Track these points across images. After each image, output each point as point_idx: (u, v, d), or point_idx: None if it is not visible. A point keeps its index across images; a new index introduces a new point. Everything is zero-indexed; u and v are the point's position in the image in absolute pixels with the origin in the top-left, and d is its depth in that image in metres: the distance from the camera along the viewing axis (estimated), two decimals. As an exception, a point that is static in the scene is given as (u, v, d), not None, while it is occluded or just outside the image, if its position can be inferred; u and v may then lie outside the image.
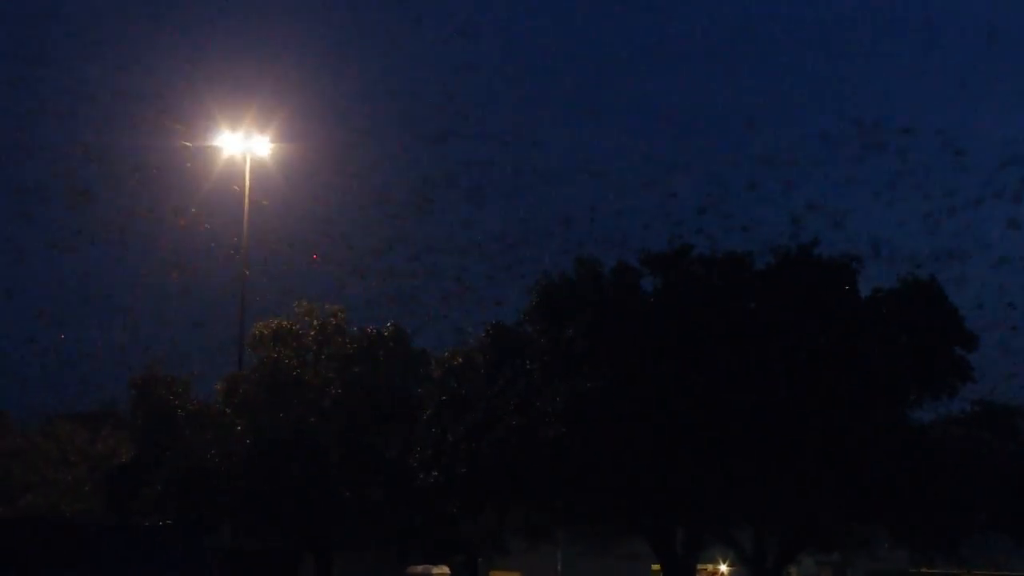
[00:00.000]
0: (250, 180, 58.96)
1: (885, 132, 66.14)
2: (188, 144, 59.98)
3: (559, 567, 72.12)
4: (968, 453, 39.38)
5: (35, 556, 48.35)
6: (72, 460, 60.76)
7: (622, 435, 38.42)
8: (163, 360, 56.98)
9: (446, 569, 56.81)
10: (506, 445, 39.75)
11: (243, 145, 59.45)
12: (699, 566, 50.62)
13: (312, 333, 52.57)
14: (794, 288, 40.02)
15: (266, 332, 52.40)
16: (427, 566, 55.97)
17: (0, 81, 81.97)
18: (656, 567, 50.23)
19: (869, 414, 38.45)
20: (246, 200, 59.26)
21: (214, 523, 52.75)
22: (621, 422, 38.37)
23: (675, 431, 38.47)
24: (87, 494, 59.70)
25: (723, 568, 69.25)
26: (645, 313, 40.41)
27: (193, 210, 61.59)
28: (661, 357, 38.99)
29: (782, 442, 38.08)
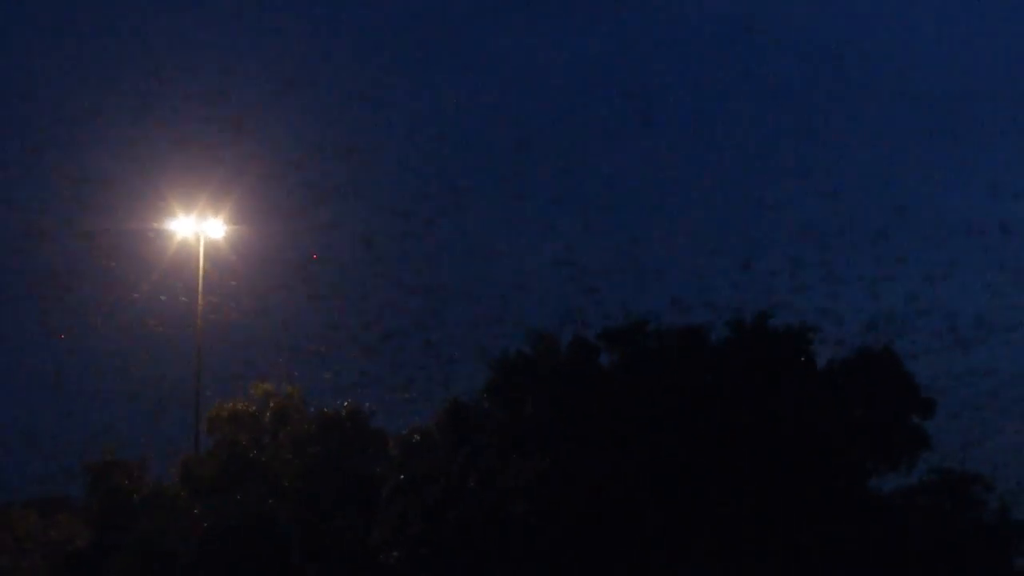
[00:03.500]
0: (205, 262, 58.77)
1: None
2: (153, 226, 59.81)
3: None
4: (930, 523, 39.67)
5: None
6: (27, 547, 59.76)
7: (586, 510, 38.39)
8: (117, 444, 56.35)
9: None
10: (469, 522, 39.60)
11: (196, 227, 59.28)
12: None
13: (269, 414, 52.26)
14: (750, 361, 40.33)
15: (223, 414, 52.01)
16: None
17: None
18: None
19: (829, 485, 38.70)
20: (199, 282, 59.05)
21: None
22: (584, 497, 38.37)
23: (637, 505, 38.50)
24: (43, 582, 58.65)
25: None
26: (603, 388, 40.58)
27: (146, 287, 61.17)
28: (621, 432, 39.11)
29: (744, 514, 38.17)
